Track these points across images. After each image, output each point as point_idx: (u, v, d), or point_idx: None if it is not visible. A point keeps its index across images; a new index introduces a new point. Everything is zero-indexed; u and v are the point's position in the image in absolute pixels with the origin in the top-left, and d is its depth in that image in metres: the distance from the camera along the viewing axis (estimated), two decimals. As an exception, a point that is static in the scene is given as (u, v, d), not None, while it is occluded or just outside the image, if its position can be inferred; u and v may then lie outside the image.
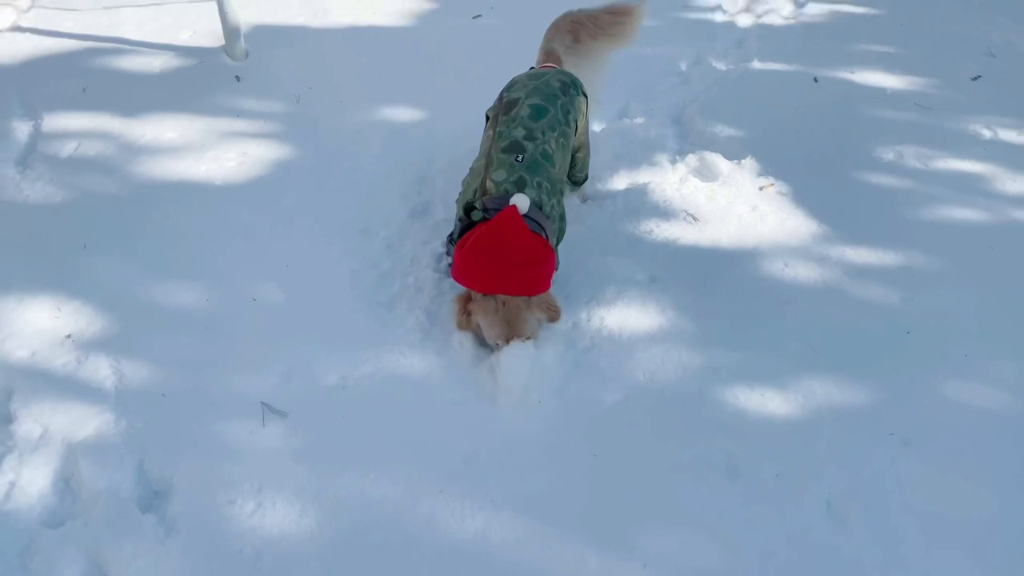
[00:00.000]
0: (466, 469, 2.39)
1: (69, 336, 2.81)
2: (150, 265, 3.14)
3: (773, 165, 3.79)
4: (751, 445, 2.47)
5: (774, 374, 2.72)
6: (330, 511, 2.28)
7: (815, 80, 4.59)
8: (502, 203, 2.66)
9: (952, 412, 2.63)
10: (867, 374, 2.74)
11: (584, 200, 3.55)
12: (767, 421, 2.57)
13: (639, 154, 3.89)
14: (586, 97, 3.20)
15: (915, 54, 4.87)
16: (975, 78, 4.62)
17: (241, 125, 4.05)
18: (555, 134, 2.89)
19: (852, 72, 4.68)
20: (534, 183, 2.75)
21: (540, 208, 2.73)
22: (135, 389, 2.64)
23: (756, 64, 4.78)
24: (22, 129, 3.96)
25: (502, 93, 3.11)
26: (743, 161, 3.80)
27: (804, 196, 3.62)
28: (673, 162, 3.83)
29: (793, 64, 4.76)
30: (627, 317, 2.91)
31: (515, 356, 2.63)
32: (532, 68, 3.30)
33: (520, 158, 2.78)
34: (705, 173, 3.76)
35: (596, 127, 4.17)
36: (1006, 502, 2.35)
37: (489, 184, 2.75)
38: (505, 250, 2.57)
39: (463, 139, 3.72)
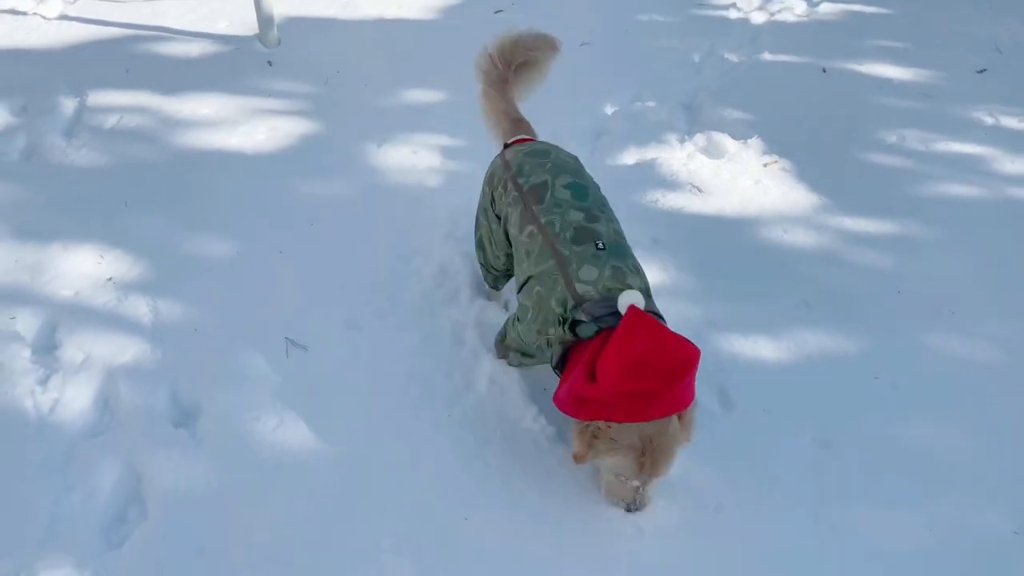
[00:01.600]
0: (467, 395, 2.55)
1: (110, 279, 3.03)
2: (185, 221, 3.36)
3: (778, 145, 3.95)
4: (744, 383, 2.62)
5: (768, 325, 2.87)
6: (343, 430, 2.45)
7: (823, 71, 4.75)
8: (612, 306, 2.11)
9: (937, 361, 2.76)
10: (857, 327, 2.88)
11: None
12: (759, 364, 2.71)
13: (649, 134, 4.07)
14: None
15: (923, 49, 5.02)
16: (980, 71, 4.75)
17: (272, 103, 4.28)
18: (610, 212, 2.45)
19: (860, 64, 4.83)
20: (632, 268, 2.24)
21: (650, 297, 2.22)
22: (170, 324, 2.84)
23: (767, 56, 4.95)
24: (68, 105, 4.22)
25: (514, 181, 2.52)
26: (749, 141, 3.96)
27: (806, 172, 3.78)
28: (681, 141, 4.00)
29: (803, 56, 4.92)
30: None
31: None
32: (507, 145, 2.78)
33: (601, 244, 2.24)
34: (712, 151, 3.93)
35: (608, 110, 4.37)
36: (981, 441, 2.48)
37: (581, 288, 2.16)
38: (655, 363, 1.96)
39: (475, 115, 3.93)
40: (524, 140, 2.75)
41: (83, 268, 3.08)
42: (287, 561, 2.11)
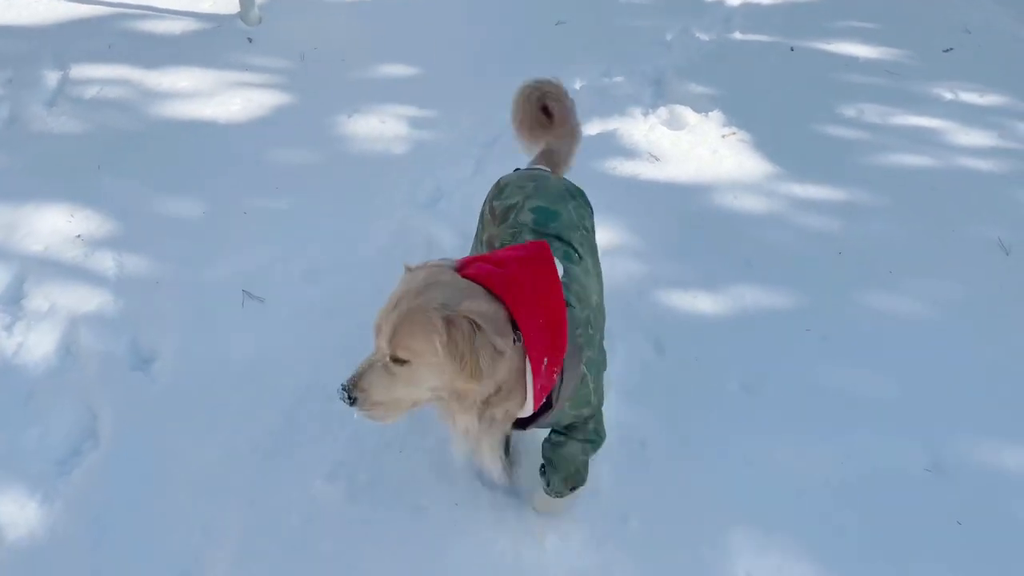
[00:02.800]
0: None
1: (79, 236, 3.15)
2: (156, 184, 3.48)
3: (738, 118, 4.05)
4: (678, 332, 2.72)
5: (708, 281, 2.97)
6: (289, 372, 2.58)
7: (791, 50, 4.84)
8: None
9: (870, 317, 2.86)
10: (795, 284, 2.98)
11: None
12: (696, 317, 2.82)
13: (613, 107, 4.17)
14: (591, 210, 2.36)
15: (892, 29, 5.11)
16: (947, 50, 4.84)
17: (248, 77, 4.40)
18: (576, 236, 2.12)
19: (829, 44, 4.92)
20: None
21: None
22: (133, 277, 2.97)
23: (737, 35, 5.05)
24: (52, 77, 4.34)
25: (489, 205, 2.29)
26: (710, 114, 4.06)
27: (763, 143, 3.87)
28: (645, 114, 4.10)
29: (773, 36, 5.02)
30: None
31: None
32: (517, 169, 2.51)
33: None
34: (673, 123, 4.03)
35: (576, 85, 4.47)
36: (903, 388, 2.58)
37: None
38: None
39: (451, 91, 4.05)
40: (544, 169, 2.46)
41: (54, 226, 3.20)
42: (224, 486, 2.23)
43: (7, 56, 4.48)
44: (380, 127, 3.97)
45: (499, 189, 2.33)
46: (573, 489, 2.07)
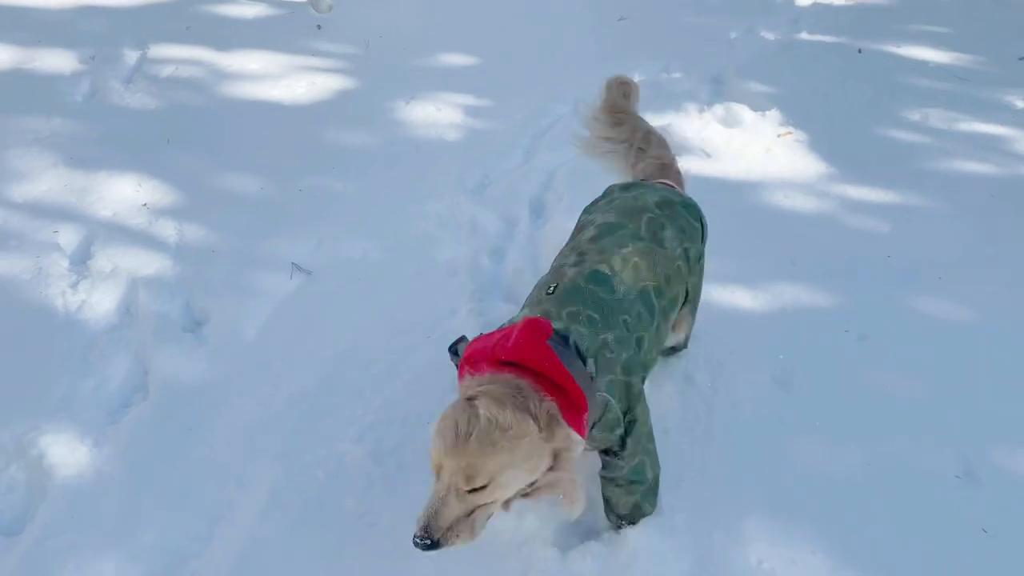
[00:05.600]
0: (448, 320, 2.74)
1: (145, 205, 3.33)
2: (219, 160, 3.64)
3: (796, 118, 4.01)
4: (714, 325, 2.71)
5: (749, 277, 2.96)
6: (329, 340, 2.68)
7: (859, 51, 4.75)
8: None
9: (914, 320, 2.81)
10: (838, 285, 2.94)
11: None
12: (732, 310, 2.81)
13: (669, 102, 4.16)
14: (704, 225, 2.35)
15: (966, 34, 4.97)
16: (1022, 58, 4.67)
17: (314, 62, 4.55)
18: (624, 251, 2.04)
19: (898, 47, 4.82)
20: (562, 314, 1.88)
21: (568, 342, 1.82)
22: (192, 246, 3.12)
23: (804, 35, 4.99)
24: (131, 55, 4.57)
25: (582, 214, 2.32)
26: (767, 113, 4.03)
27: (819, 144, 3.82)
28: (700, 111, 4.09)
29: (841, 37, 4.94)
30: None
31: None
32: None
33: (552, 288, 1.96)
34: (728, 120, 4.01)
35: (635, 78, 4.46)
36: (941, 392, 2.52)
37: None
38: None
39: (507, 82, 4.15)
40: (659, 183, 2.43)
41: (123, 194, 3.38)
42: (260, 442, 2.33)
43: (91, 34, 4.73)
44: (436, 114, 4.06)
45: (598, 198, 2.36)
46: (633, 522, 2.07)
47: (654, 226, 2.15)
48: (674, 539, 2.04)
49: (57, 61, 4.45)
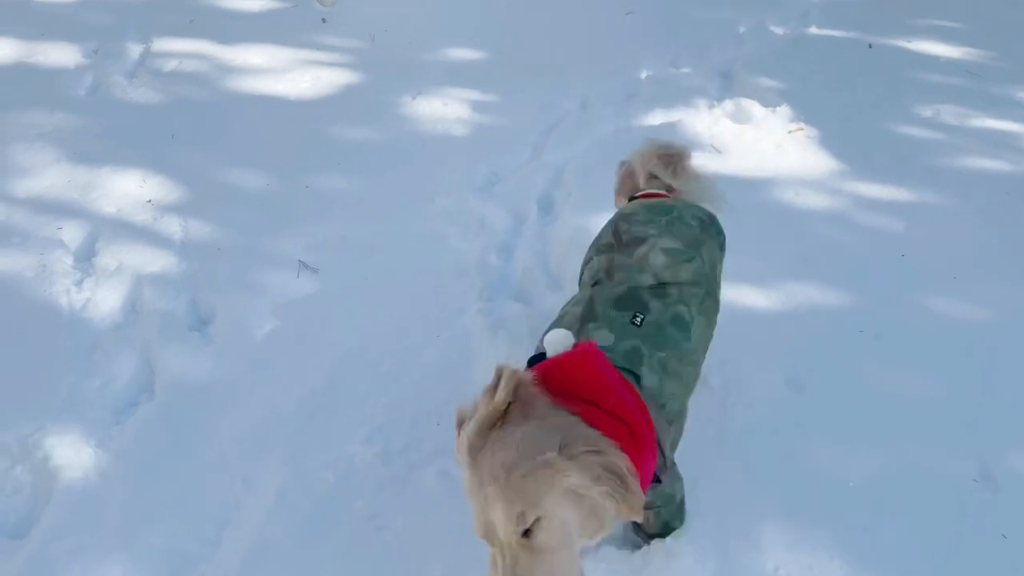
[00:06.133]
0: (457, 320, 2.70)
1: (150, 201, 3.29)
2: (224, 156, 3.60)
3: (807, 113, 3.96)
4: (726, 326, 2.66)
5: (761, 276, 2.92)
6: (334, 339, 2.65)
7: (870, 46, 4.70)
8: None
9: (929, 321, 2.77)
10: (852, 284, 2.90)
11: None
12: (745, 310, 2.77)
13: (678, 98, 4.12)
14: (723, 240, 2.23)
15: (976, 29, 4.92)
16: (1034, 52, 4.63)
17: (319, 56, 4.51)
18: (700, 293, 1.97)
19: (908, 41, 4.77)
20: (654, 361, 1.79)
21: (645, 390, 1.75)
22: (197, 242, 3.08)
23: (813, 30, 4.94)
24: (134, 49, 4.53)
25: (618, 221, 2.15)
26: (778, 108, 3.98)
27: (830, 140, 3.78)
28: (710, 106, 4.05)
29: (851, 32, 4.89)
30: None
31: None
32: (634, 198, 2.31)
33: (639, 319, 1.85)
34: (738, 116, 3.96)
35: (642, 75, 4.44)
36: (958, 393, 2.49)
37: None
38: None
39: (514, 77, 4.11)
40: (661, 195, 2.29)
41: (127, 189, 3.34)
42: (267, 442, 2.31)
43: (94, 28, 4.69)
44: (443, 109, 4.02)
45: (631, 210, 2.20)
46: (663, 536, 2.00)
47: (712, 258, 2.09)
48: (692, 546, 2.00)
49: (60, 55, 4.41)
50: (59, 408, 2.39)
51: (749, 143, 3.74)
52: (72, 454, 2.23)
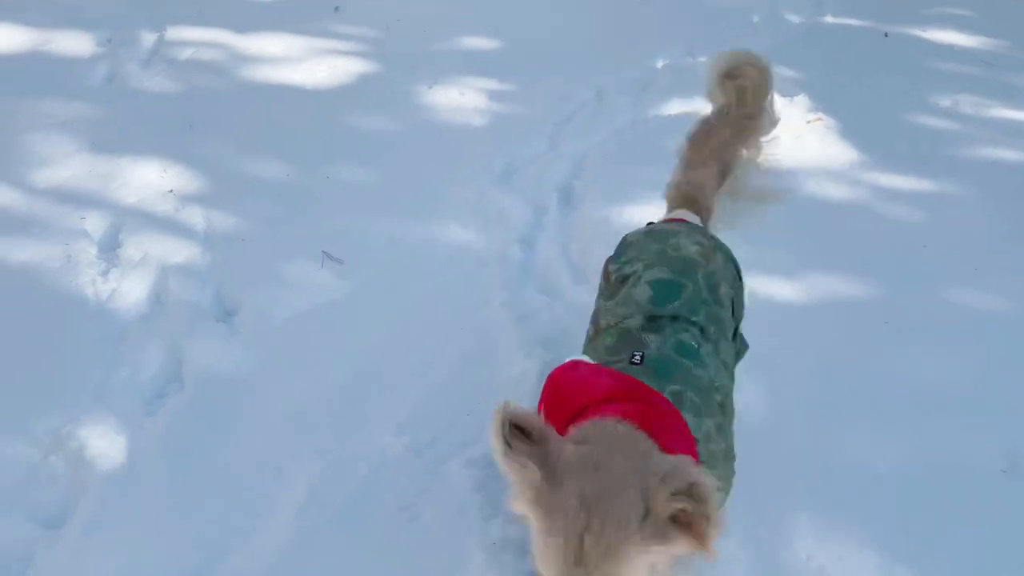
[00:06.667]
0: (483, 310, 2.72)
1: (171, 191, 3.29)
2: (244, 145, 3.60)
3: (826, 104, 3.95)
4: (749, 316, 2.68)
5: (783, 267, 2.93)
6: (366, 327, 2.66)
7: (885, 35, 4.69)
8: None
9: (953, 312, 2.78)
10: (875, 275, 2.91)
11: None
12: (768, 302, 2.78)
13: (695, 86, 4.03)
14: (738, 269, 2.05)
15: (992, 18, 4.92)
16: (1050, 42, 4.62)
17: (334, 45, 4.49)
18: (699, 319, 1.78)
19: (924, 31, 4.76)
20: (665, 395, 1.60)
21: None
22: (220, 233, 3.09)
23: (829, 19, 4.93)
24: (148, 38, 4.52)
25: (607, 265, 1.99)
26: (795, 98, 3.97)
27: (850, 130, 3.78)
28: (727, 96, 4.03)
29: (866, 20, 4.88)
30: (647, 213, 3.17)
31: None
32: (651, 224, 2.12)
33: (638, 358, 1.67)
34: (756, 106, 3.95)
35: (659, 64, 4.43)
36: (982, 384, 2.50)
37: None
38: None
39: (530, 66, 4.11)
40: (675, 221, 2.08)
41: (147, 179, 3.35)
42: (298, 434, 2.32)
43: (106, 17, 4.68)
44: (459, 99, 4.02)
45: (622, 247, 2.02)
46: None
47: (711, 282, 1.86)
48: (725, 538, 2.01)
49: (73, 44, 4.40)
50: (90, 399, 2.40)
51: (767, 134, 3.72)
52: (106, 444, 2.25)
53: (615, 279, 1.92)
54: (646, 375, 1.61)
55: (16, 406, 2.37)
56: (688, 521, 1.25)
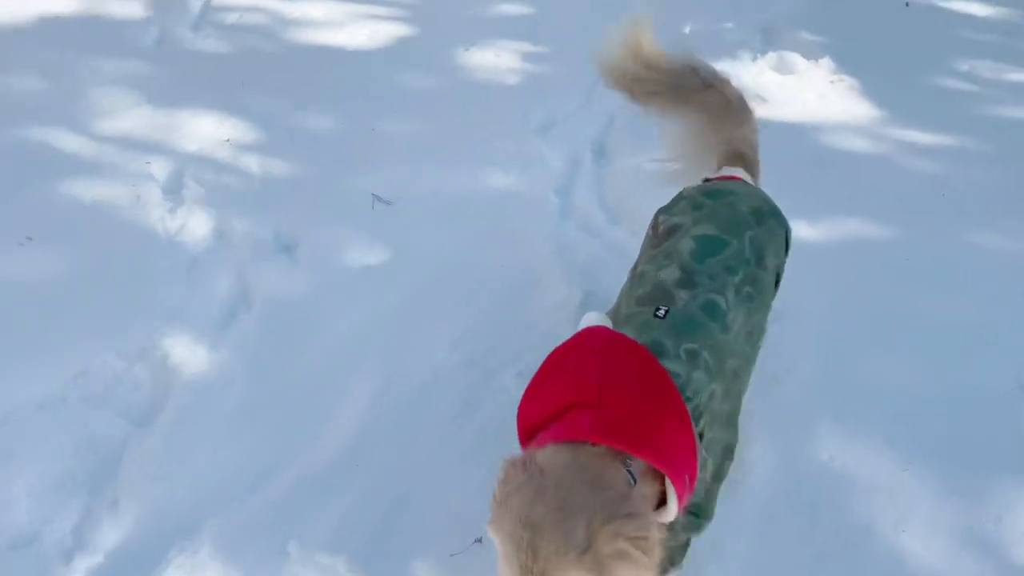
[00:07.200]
0: (528, 247, 2.90)
1: (227, 140, 3.49)
2: (293, 101, 3.79)
3: (848, 66, 4.11)
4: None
5: (809, 211, 3.08)
6: (417, 260, 2.88)
7: (906, 4, 4.82)
8: None
9: (969, 252, 2.95)
10: (896, 219, 3.09)
11: None
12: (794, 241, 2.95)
13: (722, 50, 4.26)
14: (788, 235, 2.07)
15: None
16: (1067, 12, 4.74)
17: (375, 10, 4.67)
18: (735, 279, 1.80)
19: (946, 0, 4.89)
20: (679, 351, 1.64)
21: (677, 382, 1.58)
22: (275, 177, 3.29)
23: (850, -12, 5.05)
24: (195, 3, 4.70)
25: (657, 216, 2.04)
26: (820, 60, 4.14)
27: (872, 91, 3.94)
28: (754, 59, 4.20)
29: (887, -10, 5.00)
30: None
31: None
32: (706, 179, 2.14)
33: (662, 312, 1.72)
34: (781, 68, 4.12)
35: (686, 30, 4.58)
36: (999, 316, 2.68)
37: None
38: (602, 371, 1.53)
39: (562, 30, 4.28)
40: (731, 178, 2.10)
41: (205, 131, 3.55)
42: (358, 351, 2.53)
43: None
44: (495, 60, 4.19)
45: (675, 199, 2.05)
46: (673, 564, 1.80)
47: (756, 245, 1.87)
48: (754, 445, 2.20)
49: (122, 8, 4.58)
50: (168, 317, 2.61)
51: (792, 93, 3.90)
52: (187, 354, 2.46)
53: (663, 229, 1.95)
54: (664, 330, 1.66)
55: (101, 323, 2.58)
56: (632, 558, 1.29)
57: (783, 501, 2.12)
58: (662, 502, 1.50)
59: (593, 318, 1.74)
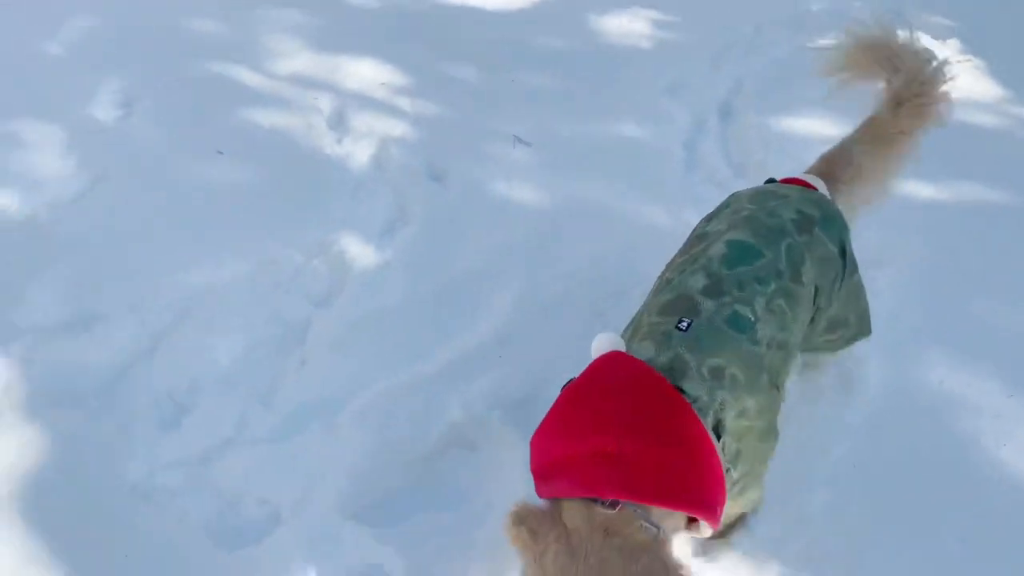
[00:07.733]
0: (662, 191, 3.16)
1: (383, 84, 3.87)
2: (440, 53, 4.14)
3: (975, 48, 4.20)
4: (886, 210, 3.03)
5: (927, 173, 3.22)
6: (552, 193, 3.19)
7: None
8: None
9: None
10: (1013, 185, 3.22)
11: None
12: (904, 198, 3.10)
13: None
14: (845, 243, 1.93)
15: None
16: None
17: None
18: (767, 291, 1.71)
19: (1078, -11, 4.87)
20: (702, 371, 1.58)
21: (696, 406, 1.53)
22: (428, 117, 3.64)
23: (979, -25, 5.08)
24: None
25: (703, 220, 2.03)
26: (948, 41, 4.23)
27: (999, 72, 4.02)
28: (880, 37, 4.31)
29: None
30: (808, 125, 3.54)
31: None
32: (769, 180, 2.11)
33: (685, 324, 1.64)
34: (908, 47, 4.22)
35: (813, 7, 4.73)
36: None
37: None
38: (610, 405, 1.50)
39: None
40: (795, 183, 2.03)
41: (363, 74, 3.93)
42: (503, 261, 2.87)
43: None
44: (628, 25, 4.45)
45: (723, 203, 2.02)
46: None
47: (794, 256, 1.77)
48: (870, 361, 2.41)
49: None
50: (340, 224, 2.98)
51: (918, 69, 4.00)
52: (359, 250, 2.84)
53: (698, 233, 1.92)
54: (686, 346, 1.59)
55: (284, 223, 2.97)
56: None
57: (891, 412, 2.32)
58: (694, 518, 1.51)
59: (606, 341, 1.64)
